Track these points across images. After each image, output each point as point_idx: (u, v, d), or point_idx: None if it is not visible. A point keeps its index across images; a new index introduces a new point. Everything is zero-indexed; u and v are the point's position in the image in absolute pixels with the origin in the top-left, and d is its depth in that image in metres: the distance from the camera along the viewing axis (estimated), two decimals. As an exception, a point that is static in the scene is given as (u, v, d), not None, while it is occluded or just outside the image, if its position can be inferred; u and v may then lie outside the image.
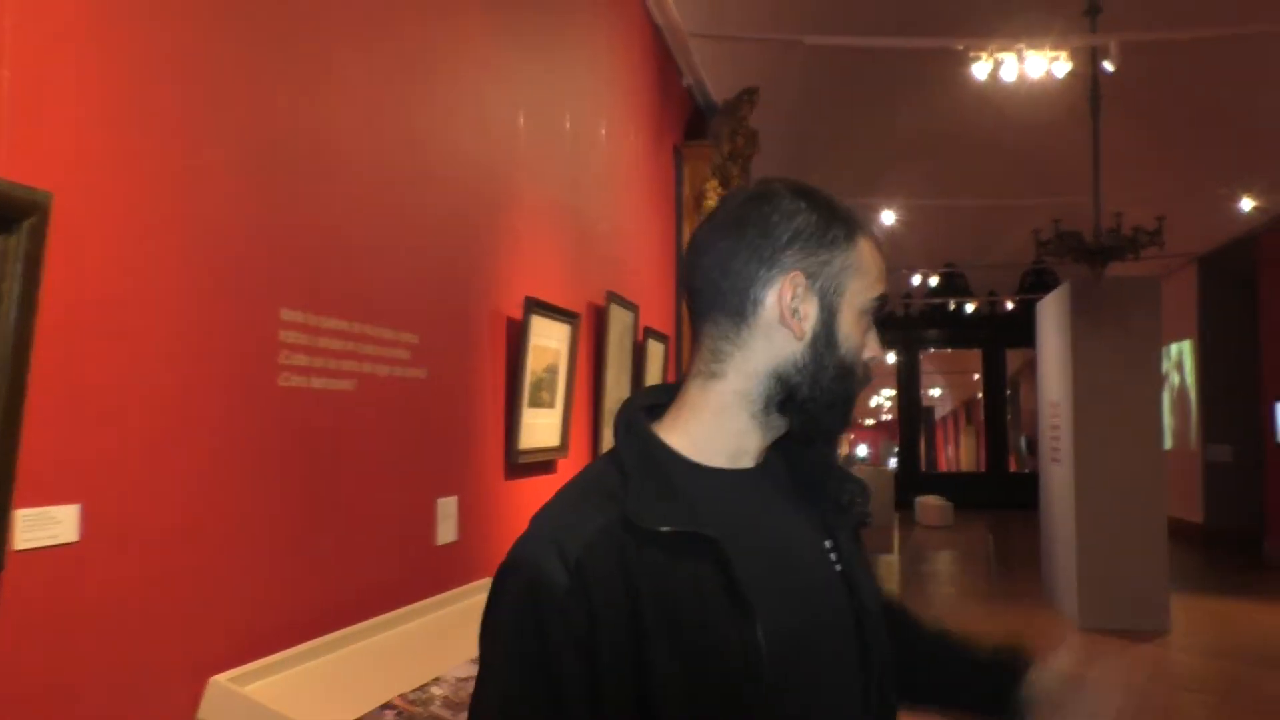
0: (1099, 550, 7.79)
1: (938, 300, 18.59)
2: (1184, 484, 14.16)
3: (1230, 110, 9.83)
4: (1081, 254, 7.20)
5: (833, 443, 1.26)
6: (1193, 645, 7.26)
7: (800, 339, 1.14)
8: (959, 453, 32.97)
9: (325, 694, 1.93)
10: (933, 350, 21.52)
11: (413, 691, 2.07)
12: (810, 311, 1.14)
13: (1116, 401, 7.84)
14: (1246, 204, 10.05)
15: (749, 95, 6.92)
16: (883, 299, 1.19)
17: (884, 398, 31.95)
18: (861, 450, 34.03)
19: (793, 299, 1.13)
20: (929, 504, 15.89)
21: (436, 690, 2.10)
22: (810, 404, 1.15)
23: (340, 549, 2.29)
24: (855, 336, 1.16)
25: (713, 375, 1.15)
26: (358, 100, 2.45)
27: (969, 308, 18.36)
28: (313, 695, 1.89)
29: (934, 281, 16.87)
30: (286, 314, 2.10)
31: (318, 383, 2.20)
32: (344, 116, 2.39)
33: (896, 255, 17.18)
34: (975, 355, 20.26)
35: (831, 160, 11.50)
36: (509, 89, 3.48)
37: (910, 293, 18.83)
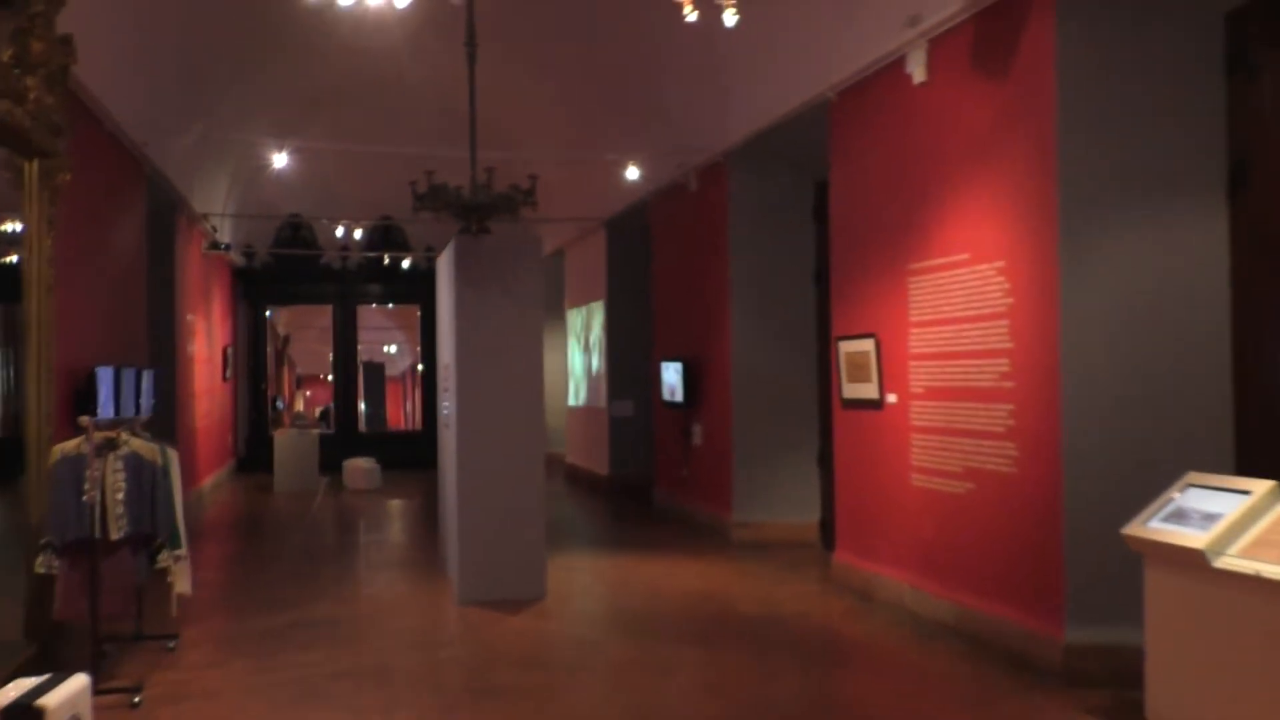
0: (479, 521, 7.53)
1: (374, 254, 17.93)
2: (596, 439, 14.91)
3: (621, 82, 10.14)
4: (457, 209, 6.76)
5: None
6: (562, 611, 7.25)
7: None
8: (415, 411, 32.83)
9: None
10: (374, 305, 20.80)
11: None
12: None
13: (500, 364, 7.60)
14: (633, 172, 10.44)
15: (50, -12, 5.51)
16: None
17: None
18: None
19: None
20: (356, 467, 15.22)
21: None
22: None
23: None
24: None
25: None
26: None
27: (406, 263, 18.01)
28: None
29: (358, 234, 16.09)
30: None
31: None
32: None
33: (327, 204, 16.24)
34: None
35: (207, 91, 10.21)
36: None
37: (348, 245, 17.97)
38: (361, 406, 26.48)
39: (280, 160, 10.27)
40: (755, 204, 9.93)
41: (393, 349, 31.86)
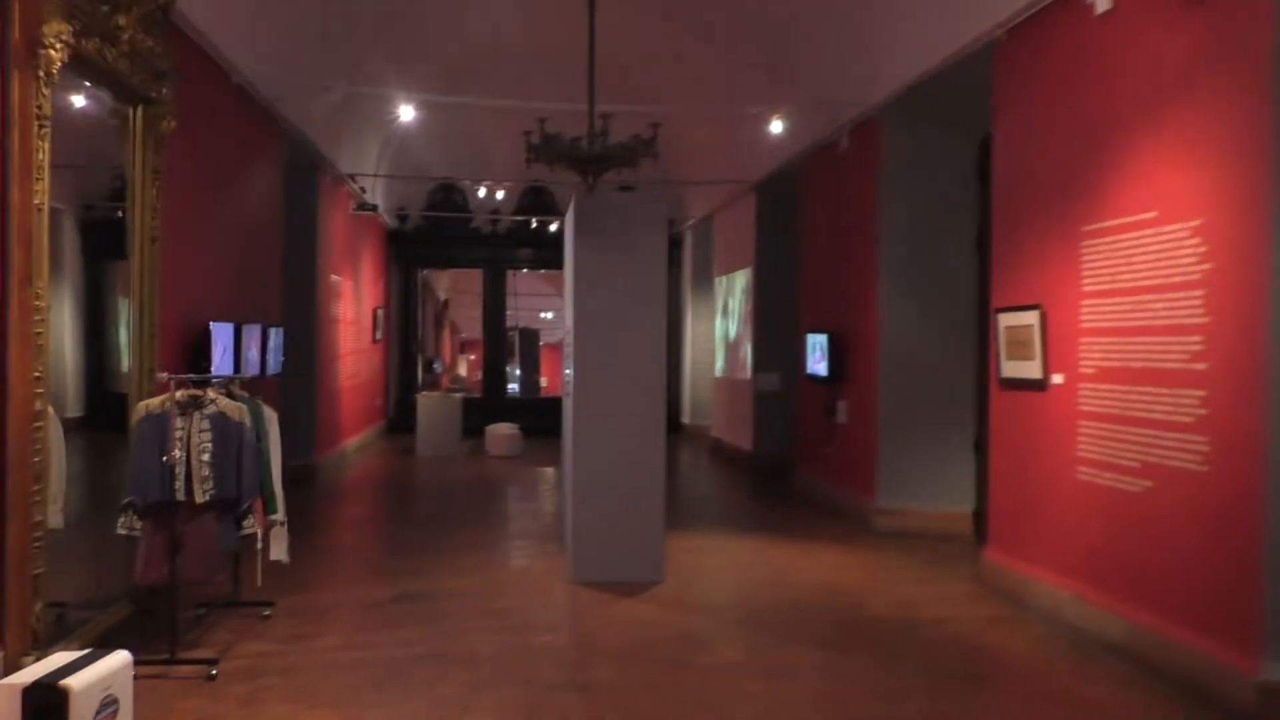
0: (595, 496, 7.05)
1: (523, 218, 17.76)
2: (741, 413, 14.27)
3: (764, 29, 9.39)
4: (573, 161, 6.24)
5: None
6: (677, 598, 6.69)
7: None
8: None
9: None
10: (525, 270, 20.66)
11: None
12: None
13: (620, 330, 7.08)
14: (777, 126, 9.69)
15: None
16: None
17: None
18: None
19: None
20: (497, 432, 15.05)
21: None
22: None
23: None
24: None
25: None
26: None
27: (554, 227, 17.74)
28: None
29: (500, 195, 15.85)
30: None
31: None
32: None
33: (478, 167, 16.06)
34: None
35: (345, 45, 9.99)
36: None
37: (498, 209, 17.84)
38: (517, 372, 26.66)
39: (408, 114, 9.95)
40: (911, 163, 9.04)
41: (550, 315, 31.92)
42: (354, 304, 14.43)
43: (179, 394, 5.12)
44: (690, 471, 13.83)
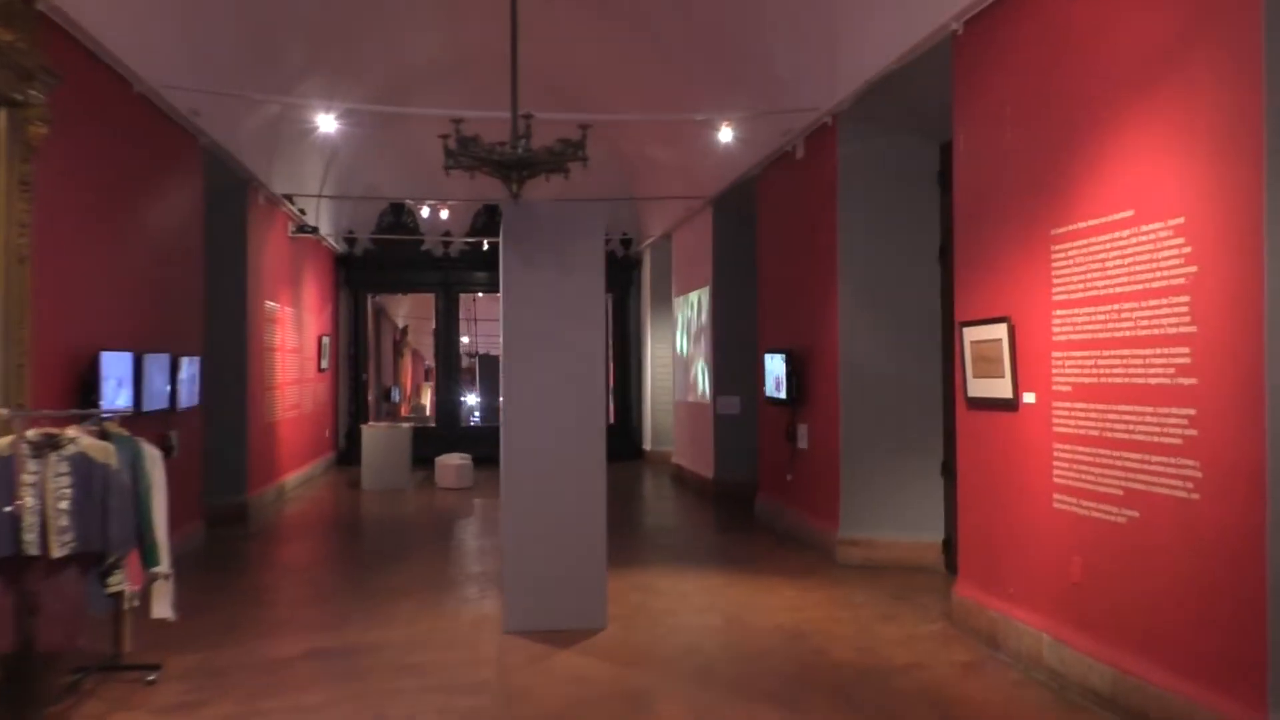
0: (528, 536, 6.43)
1: (475, 240, 17.17)
2: (701, 438, 13.69)
3: (713, 31, 8.89)
4: (495, 167, 5.66)
5: None
6: (620, 648, 6.06)
7: None
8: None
9: None
10: (482, 294, 20.06)
11: None
12: None
13: (555, 352, 6.48)
14: (726, 134, 9.16)
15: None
16: None
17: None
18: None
19: None
20: (447, 464, 14.36)
21: None
22: None
23: None
24: None
25: None
26: None
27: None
28: None
29: (444, 214, 15.26)
30: None
31: None
32: None
33: (429, 189, 15.43)
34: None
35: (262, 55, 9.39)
36: None
37: (449, 230, 17.24)
38: (477, 399, 25.97)
39: (333, 126, 9.35)
40: (869, 171, 8.53)
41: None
42: (295, 332, 13.75)
43: (31, 433, 4.46)
44: (648, 500, 13.22)
